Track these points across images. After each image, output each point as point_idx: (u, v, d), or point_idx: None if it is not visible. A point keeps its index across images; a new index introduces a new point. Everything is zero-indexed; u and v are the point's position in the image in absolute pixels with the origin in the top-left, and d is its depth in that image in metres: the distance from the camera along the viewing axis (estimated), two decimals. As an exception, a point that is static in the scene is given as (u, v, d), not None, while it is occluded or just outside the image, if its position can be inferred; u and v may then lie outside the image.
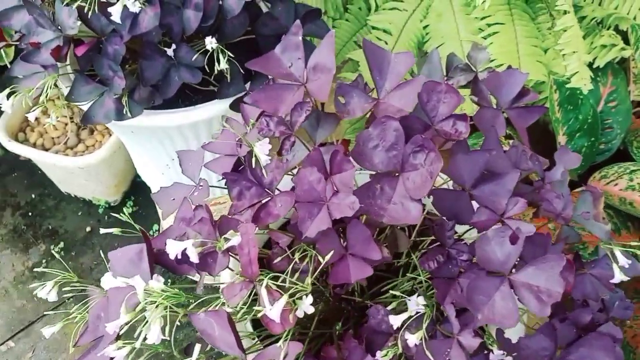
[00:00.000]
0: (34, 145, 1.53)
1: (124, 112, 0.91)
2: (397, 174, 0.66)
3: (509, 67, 0.85)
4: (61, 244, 1.61)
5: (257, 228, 0.65)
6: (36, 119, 1.62)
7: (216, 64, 0.90)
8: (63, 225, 1.65)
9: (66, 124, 1.58)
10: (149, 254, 0.66)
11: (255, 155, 0.68)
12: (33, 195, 1.71)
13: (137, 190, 1.70)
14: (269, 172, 0.68)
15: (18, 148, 1.47)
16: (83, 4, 0.87)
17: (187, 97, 1.05)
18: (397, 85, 0.72)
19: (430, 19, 1.15)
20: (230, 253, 0.62)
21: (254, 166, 0.71)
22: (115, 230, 0.76)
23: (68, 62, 1.00)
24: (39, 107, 0.96)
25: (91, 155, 1.45)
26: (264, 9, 1.06)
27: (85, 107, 0.94)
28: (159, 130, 1.02)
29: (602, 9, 1.08)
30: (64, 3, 0.88)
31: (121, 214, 0.81)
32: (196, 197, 0.77)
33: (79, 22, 0.88)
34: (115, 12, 0.85)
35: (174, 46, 0.93)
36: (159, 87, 0.95)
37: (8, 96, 0.93)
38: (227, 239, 0.61)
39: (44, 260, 1.59)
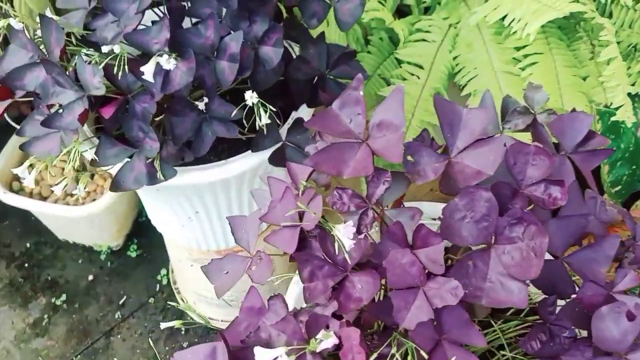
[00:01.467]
0: (31, 195, 1.44)
1: (157, 175, 0.83)
2: (488, 247, 0.60)
3: (573, 109, 0.80)
4: (63, 296, 1.51)
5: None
6: (30, 165, 1.54)
7: (257, 119, 0.83)
8: (63, 275, 1.55)
9: (63, 169, 1.48)
10: (229, 356, 0.58)
11: (332, 234, 0.62)
12: (28, 244, 1.60)
13: (140, 231, 1.61)
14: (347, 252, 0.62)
15: (15, 200, 1.37)
16: (111, 61, 0.79)
17: (213, 146, 0.98)
18: (473, 144, 0.67)
19: (460, 49, 1.10)
20: (322, 355, 0.55)
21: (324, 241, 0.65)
22: (176, 324, 0.68)
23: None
24: (31, 163, 0.89)
25: (94, 204, 1.36)
26: (292, 51, 0.99)
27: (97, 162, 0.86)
28: (188, 188, 0.94)
29: (638, 34, 1.05)
30: (87, 61, 0.80)
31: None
32: (256, 273, 0.70)
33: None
34: (148, 71, 0.77)
35: (205, 99, 0.85)
36: (190, 144, 0.88)
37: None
38: (318, 340, 0.54)
39: (45, 315, 1.49)
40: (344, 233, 0.60)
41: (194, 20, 0.91)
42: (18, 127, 1.41)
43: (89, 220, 1.40)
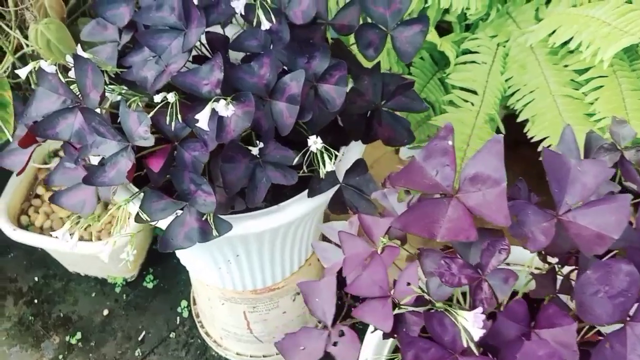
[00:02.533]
0: (42, 230, 1.34)
1: (211, 231, 0.75)
2: (624, 325, 0.53)
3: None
4: (78, 334, 1.42)
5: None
6: (38, 195, 1.44)
7: (321, 166, 0.75)
8: (76, 311, 1.46)
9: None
10: None
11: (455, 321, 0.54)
12: (36, 278, 1.50)
13: (155, 260, 1.52)
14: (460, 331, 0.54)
15: (26, 237, 1.27)
16: (163, 108, 0.70)
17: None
18: (590, 203, 0.60)
19: (512, 71, 1.02)
20: None
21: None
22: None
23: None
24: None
25: (116, 240, 1.27)
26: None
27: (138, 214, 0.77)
28: (235, 237, 0.86)
29: None
30: (131, 107, 0.71)
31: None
32: (341, 353, 0.62)
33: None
34: (203, 119, 0.69)
35: (260, 143, 0.77)
36: (242, 192, 0.79)
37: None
38: None
39: (60, 356, 1.39)
40: (473, 322, 0.52)
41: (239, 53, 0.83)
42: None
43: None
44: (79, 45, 0.81)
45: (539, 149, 0.95)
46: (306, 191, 0.84)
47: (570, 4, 0.98)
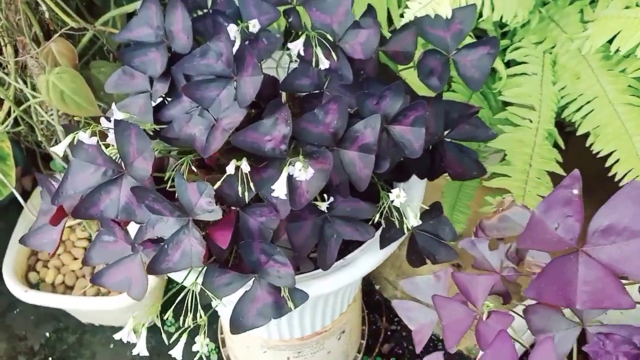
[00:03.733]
0: (54, 287, 1.23)
1: (286, 305, 0.66)
2: None
3: None
4: (101, 392, 1.32)
5: None
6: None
7: (404, 220, 0.67)
8: (95, 365, 1.35)
9: (85, 248, 1.27)
10: None
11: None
12: (47, 334, 1.39)
13: (173, 301, 1.42)
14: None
15: (41, 298, 1.16)
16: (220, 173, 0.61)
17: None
18: None
19: (565, 80, 0.95)
20: None
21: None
22: None
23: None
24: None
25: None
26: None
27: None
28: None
29: None
30: (182, 171, 0.62)
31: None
32: None
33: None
34: (281, 189, 0.60)
35: (330, 198, 0.68)
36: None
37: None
38: None
39: (85, 416, 1.29)
40: None
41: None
42: (25, 204, 1.21)
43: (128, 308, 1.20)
44: (88, 94, 0.71)
45: (613, 173, 0.89)
46: (373, 240, 0.76)
47: (623, 6, 0.92)
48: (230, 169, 0.61)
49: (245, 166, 0.60)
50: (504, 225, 0.68)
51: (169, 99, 0.74)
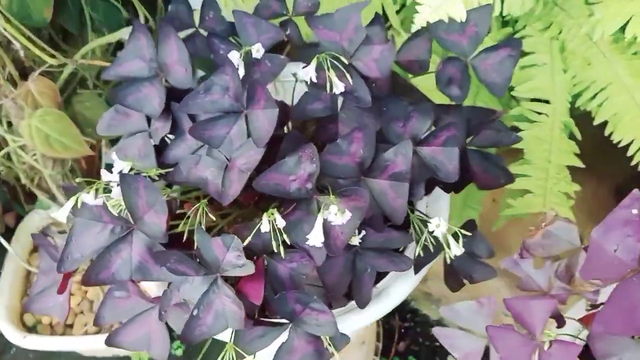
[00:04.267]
0: (52, 327, 1.16)
1: (327, 351, 0.61)
2: None
3: None
4: None
5: None
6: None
7: (446, 251, 0.62)
8: (103, 400, 1.29)
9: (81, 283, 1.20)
10: None
11: None
12: (49, 373, 1.32)
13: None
14: None
15: (42, 343, 1.09)
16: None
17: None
18: None
19: (576, 68, 0.91)
20: None
21: None
22: None
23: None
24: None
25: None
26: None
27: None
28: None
29: None
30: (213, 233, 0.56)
31: None
32: None
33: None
34: (317, 237, 0.54)
35: (362, 231, 0.63)
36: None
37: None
38: None
39: None
40: None
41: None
42: (9, 246, 1.13)
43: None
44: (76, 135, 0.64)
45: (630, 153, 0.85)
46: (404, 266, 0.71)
47: (632, -14, 0.87)
48: (264, 227, 0.55)
49: (280, 221, 0.55)
50: (548, 242, 0.64)
51: (171, 137, 0.67)
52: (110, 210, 0.58)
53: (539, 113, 0.88)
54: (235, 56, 0.65)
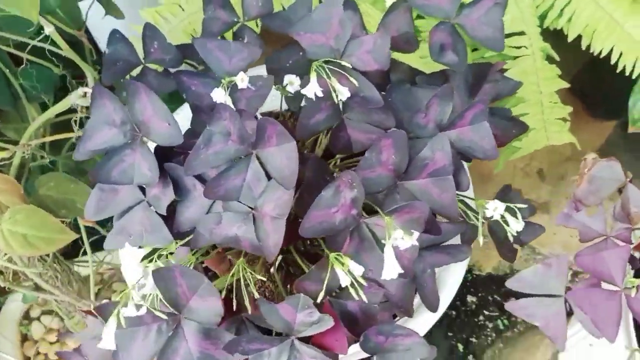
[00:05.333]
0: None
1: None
2: None
3: None
4: None
5: None
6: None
7: (507, 229, 0.58)
8: None
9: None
10: None
11: None
12: None
13: None
14: None
15: None
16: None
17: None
18: None
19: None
20: None
21: None
22: None
23: None
24: None
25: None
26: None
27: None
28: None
29: None
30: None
31: None
32: None
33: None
34: (392, 269, 0.49)
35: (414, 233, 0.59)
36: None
37: None
38: None
39: None
40: None
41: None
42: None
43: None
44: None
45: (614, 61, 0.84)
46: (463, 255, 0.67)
47: None
48: (344, 280, 0.49)
49: (355, 267, 0.49)
50: (595, 187, 0.61)
51: (177, 199, 0.59)
52: (151, 311, 0.51)
53: (518, 47, 0.84)
54: (220, 94, 0.57)
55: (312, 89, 0.55)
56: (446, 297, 0.67)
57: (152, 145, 0.59)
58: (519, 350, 1.03)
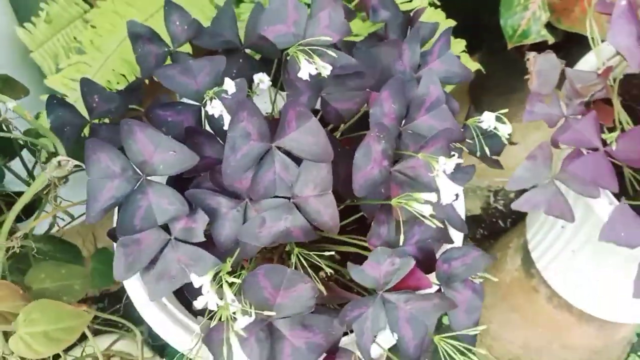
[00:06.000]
0: None
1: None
2: None
3: None
4: None
5: None
6: None
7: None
8: None
9: None
10: None
11: None
12: None
13: None
14: None
15: None
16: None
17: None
18: None
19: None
20: None
21: None
22: None
23: None
24: None
25: None
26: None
27: None
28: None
29: None
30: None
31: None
32: None
33: None
34: (449, 191, 0.53)
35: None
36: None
37: None
38: None
39: None
40: None
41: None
42: None
43: None
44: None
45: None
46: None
47: None
48: (425, 210, 0.52)
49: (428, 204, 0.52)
50: (544, 78, 0.70)
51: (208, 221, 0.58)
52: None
53: (410, 1, 0.92)
54: (218, 106, 0.58)
55: (306, 71, 0.57)
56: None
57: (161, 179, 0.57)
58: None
